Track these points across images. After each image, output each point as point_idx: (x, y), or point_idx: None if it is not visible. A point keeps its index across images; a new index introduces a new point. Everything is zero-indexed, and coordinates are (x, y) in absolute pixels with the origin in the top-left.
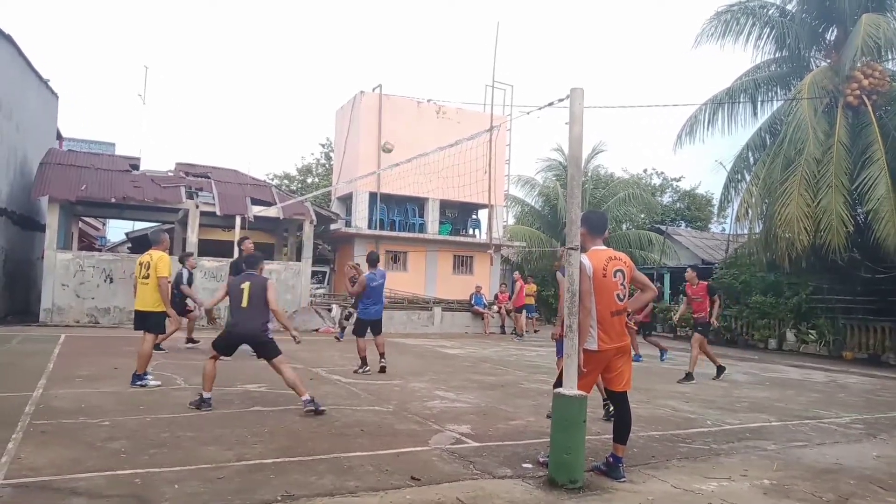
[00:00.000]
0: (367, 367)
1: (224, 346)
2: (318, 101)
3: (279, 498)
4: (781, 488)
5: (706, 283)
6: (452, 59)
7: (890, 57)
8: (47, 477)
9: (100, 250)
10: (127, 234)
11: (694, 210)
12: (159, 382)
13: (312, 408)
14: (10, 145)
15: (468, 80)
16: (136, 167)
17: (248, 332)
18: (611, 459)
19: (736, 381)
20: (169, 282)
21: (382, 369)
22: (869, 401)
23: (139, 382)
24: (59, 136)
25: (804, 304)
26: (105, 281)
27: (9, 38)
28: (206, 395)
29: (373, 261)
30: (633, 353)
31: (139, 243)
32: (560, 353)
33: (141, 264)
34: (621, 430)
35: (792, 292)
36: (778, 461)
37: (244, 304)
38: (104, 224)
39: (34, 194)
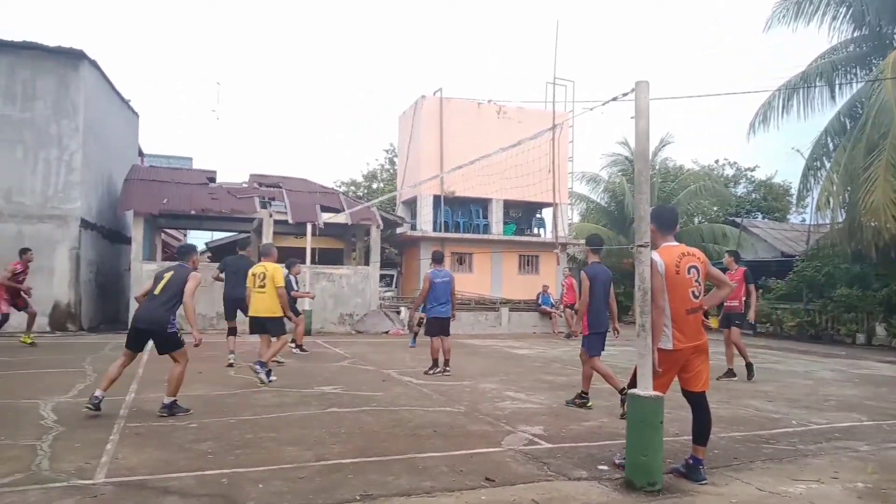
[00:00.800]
0: (438, 369)
1: (130, 340)
2: (381, 107)
3: (358, 497)
4: (878, 492)
5: (744, 269)
6: (512, 58)
7: None
8: (142, 476)
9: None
10: (206, 243)
11: (771, 200)
12: (275, 378)
13: (166, 413)
14: (98, 165)
15: (529, 79)
16: (212, 180)
17: (151, 320)
18: (690, 461)
19: (822, 379)
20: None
21: (444, 372)
22: None
23: (267, 378)
24: (140, 153)
25: (895, 297)
26: None
27: (94, 64)
28: (98, 393)
29: (437, 259)
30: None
31: (225, 251)
32: (585, 345)
33: (255, 275)
34: (701, 432)
35: (881, 284)
36: (872, 463)
37: (157, 291)
38: (185, 235)
39: (120, 209)
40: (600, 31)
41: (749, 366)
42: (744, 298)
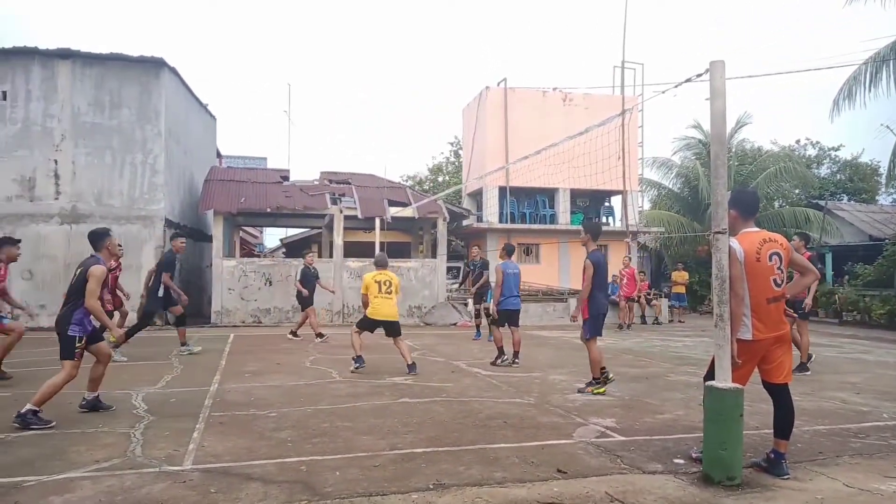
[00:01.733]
0: (506, 357)
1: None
2: (446, 100)
3: (431, 486)
4: None
5: (812, 253)
6: (577, 43)
7: None
8: (227, 463)
9: (259, 256)
10: (281, 239)
11: (857, 181)
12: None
13: (18, 422)
14: (180, 167)
15: (595, 64)
16: (286, 178)
17: (57, 322)
18: (772, 455)
19: None
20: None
21: (513, 363)
22: None
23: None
24: (218, 155)
25: None
26: (265, 284)
27: (174, 71)
28: (89, 395)
29: (508, 251)
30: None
31: (299, 247)
32: (587, 328)
33: (379, 282)
34: (783, 425)
35: None
36: None
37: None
38: (261, 232)
39: (201, 209)
40: (672, 10)
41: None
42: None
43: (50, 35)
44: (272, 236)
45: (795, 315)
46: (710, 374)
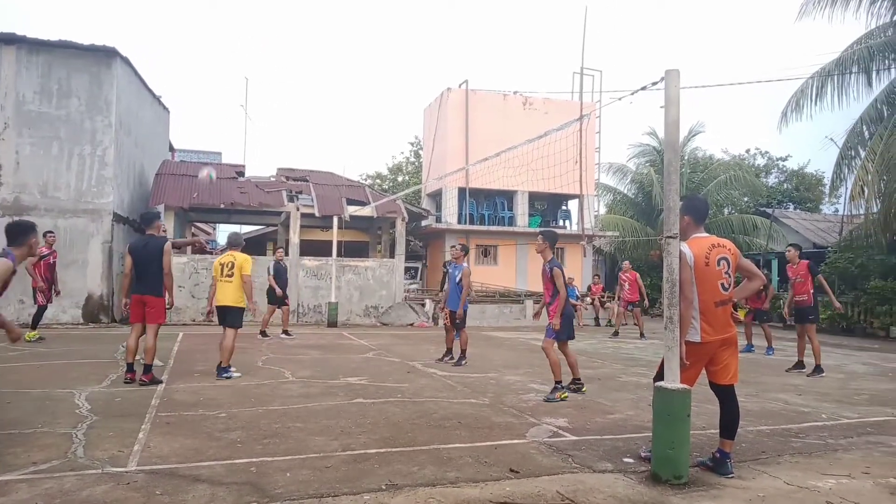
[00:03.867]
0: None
1: None
2: (406, 100)
3: (383, 487)
4: None
5: (807, 261)
6: (538, 48)
7: None
8: (173, 465)
9: (211, 253)
10: None
11: (803, 191)
12: (240, 374)
13: None
14: (131, 160)
15: (555, 69)
16: (241, 174)
17: None
18: (717, 455)
19: (854, 373)
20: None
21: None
22: None
23: (224, 374)
24: (171, 148)
25: None
26: None
27: (126, 61)
28: None
29: (466, 251)
30: (745, 343)
31: (253, 245)
32: (550, 334)
33: (223, 264)
34: (728, 425)
35: None
36: None
37: None
38: (214, 228)
39: (151, 203)
40: (629, 20)
41: (817, 367)
42: (811, 291)
43: None
44: (226, 233)
45: (740, 319)
46: (660, 376)
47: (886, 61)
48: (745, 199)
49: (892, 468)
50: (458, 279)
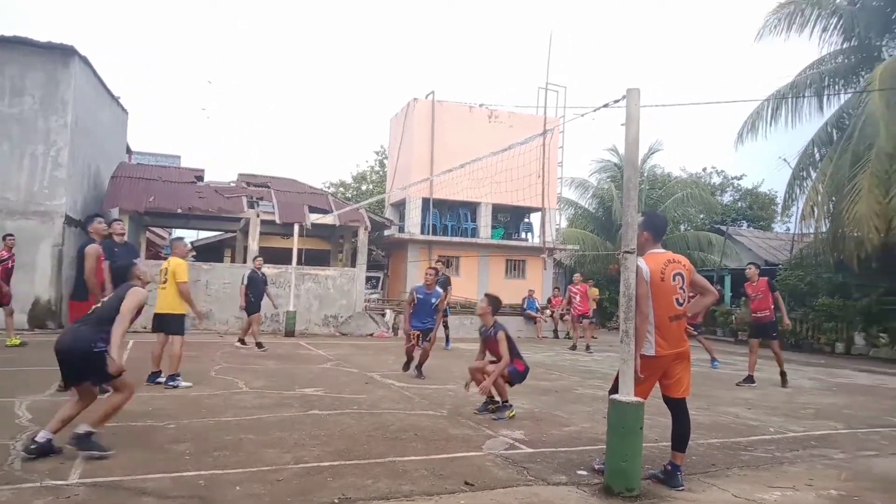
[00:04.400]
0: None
1: None
2: (373, 109)
3: (336, 501)
4: (850, 499)
5: (766, 279)
6: (506, 61)
7: None
8: (118, 477)
9: (165, 258)
10: (192, 242)
11: (756, 209)
12: (190, 384)
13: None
14: (86, 162)
15: (521, 83)
16: (200, 178)
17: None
18: (669, 467)
19: (801, 387)
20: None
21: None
22: None
23: (171, 383)
24: (128, 151)
25: (874, 307)
26: None
27: (85, 60)
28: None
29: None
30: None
31: (210, 250)
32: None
33: (161, 271)
34: (680, 438)
35: (861, 294)
36: (846, 471)
37: None
38: (170, 233)
39: (105, 206)
40: (594, 38)
41: (782, 374)
42: (772, 308)
43: None
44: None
45: (694, 333)
46: (615, 388)
47: (836, 87)
48: (701, 216)
49: (833, 480)
50: (434, 305)
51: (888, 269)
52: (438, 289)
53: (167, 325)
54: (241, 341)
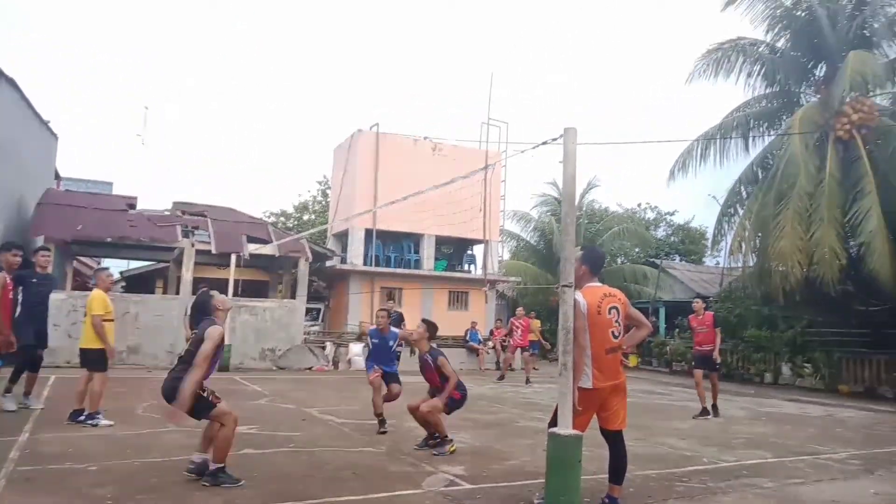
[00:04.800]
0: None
1: None
2: (315, 139)
3: None
4: None
5: (712, 313)
6: (449, 96)
7: (878, 91)
8: None
9: (91, 290)
10: (122, 272)
11: (688, 244)
12: (111, 423)
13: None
14: (9, 187)
15: (465, 117)
16: (133, 206)
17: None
18: (606, 500)
19: (733, 417)
20: (103, 319)
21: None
22: (866, 435)
23: (90, 422)
24: (57, 176)
25: (799, 338)
26: None
27: (11, 82)
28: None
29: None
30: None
31: (141, 281)
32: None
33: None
34: (617, 471)
35: (787, 325)
36: (774, 499)
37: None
38: (99, 263)
39: (30, 234)
40: (535, 75)
41: (714, 407)
42: (716, 341)
43: None
44: (113, 268)
45: (629, 365)
46: (554, 421)
47: (761, 129)
48: (637, 249)
49: None
50: (393, 348)
51: (811, 302)
52: (394, 329)
53: (88, 360)
54: None
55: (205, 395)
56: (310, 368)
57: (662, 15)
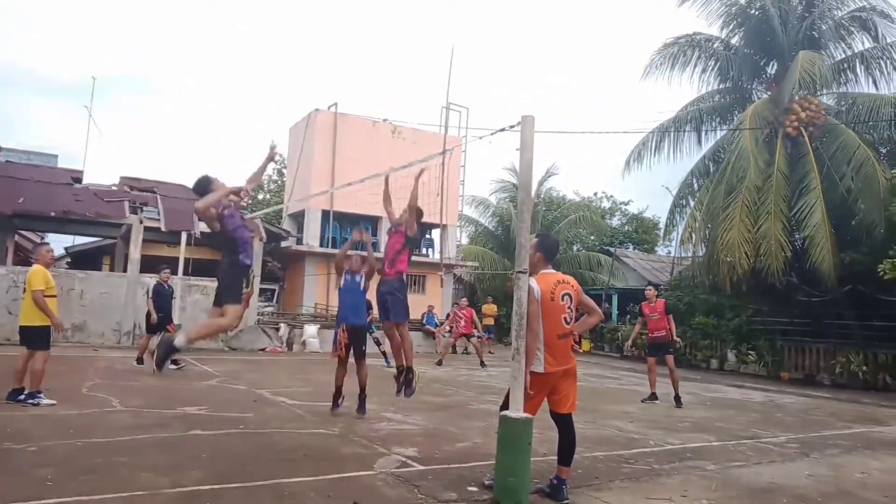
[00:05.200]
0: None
1: None
2: (272, 117)
3: None
4: None
5: (664, 300)
6: (411, 80)
7: (824, 91)
8: None
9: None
10: (67, 248)
11: (641, 233)
12: (53, 402)
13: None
14: None
15: (426, 102)
16: (78, 180)
17: None
18: (555, 481)
19: None
20: (44, 295)
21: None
22: (803, 420)
23: (31, 401)
24: None
25: (745, 326)
26: None
27: None
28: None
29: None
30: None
31: (87, 257)
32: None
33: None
34: (566, 453)
35: (733, 314)
36: (716, 481)
37: None
38: (42, 238)
39: None
40: (495, 63)
41: (676, 398)
42: (669, 328)
43: None
44: (57, 243)
45: (579, 351)
46: (506, 405)
47: (714, 123)
48: (592, 237)
49: (705, 490)
50: (362, 286)
51: (756, 292)
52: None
53: (28, 337)
54: (140, 360)
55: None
56: (263, 350)
57: (623, 7)
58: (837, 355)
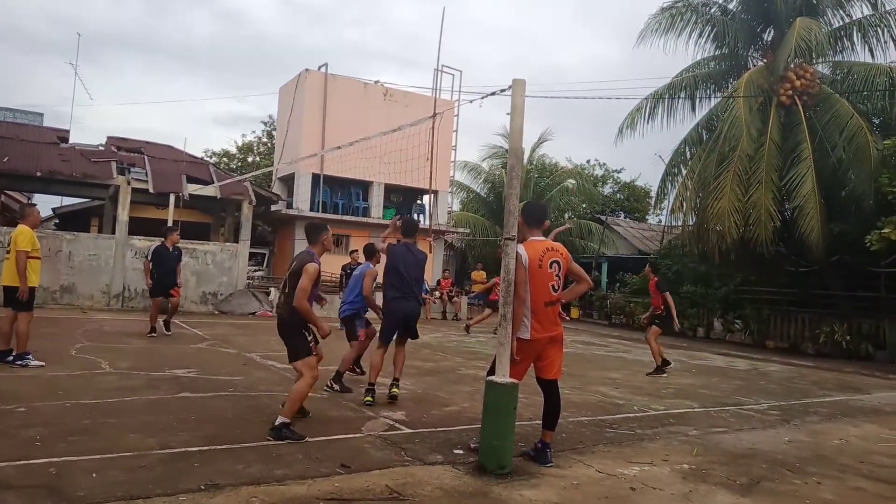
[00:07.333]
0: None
1: None
2: (262, 77)
3: (202, 487)
4: (699, 472)
5: (656, 279)
6: (404, 42)
7: (820, 60)
8: None
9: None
10: (54, 209)
11: (633, 201)
12: (42, 363)
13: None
14: None
15: (420, 65)
16: (64, 140)
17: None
18: (539, 445)
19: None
20: (28, 255)
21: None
22: (786, 388)
23: (19, 362)
24: None
25: (732, 295)
26: None
27: None
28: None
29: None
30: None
31: (75, 218)
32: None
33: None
34: (550, 417)
35: (721, 283)
36: (698, 446)
37: None
38: (28, 198)
39: None
40: (489, 25)
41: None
42: (662, 305)
43: None
44: (44, 204)
45: (566, 318)
46: (493, 370)
47: (708, 90)
48: (584, 205)
49: (686, 455)
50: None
51: (744, 262)
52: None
53: (12, 298)
54: (153, 330)
55: (308, 337)
56: (253, 314)
57: None
58: (822, 325)
